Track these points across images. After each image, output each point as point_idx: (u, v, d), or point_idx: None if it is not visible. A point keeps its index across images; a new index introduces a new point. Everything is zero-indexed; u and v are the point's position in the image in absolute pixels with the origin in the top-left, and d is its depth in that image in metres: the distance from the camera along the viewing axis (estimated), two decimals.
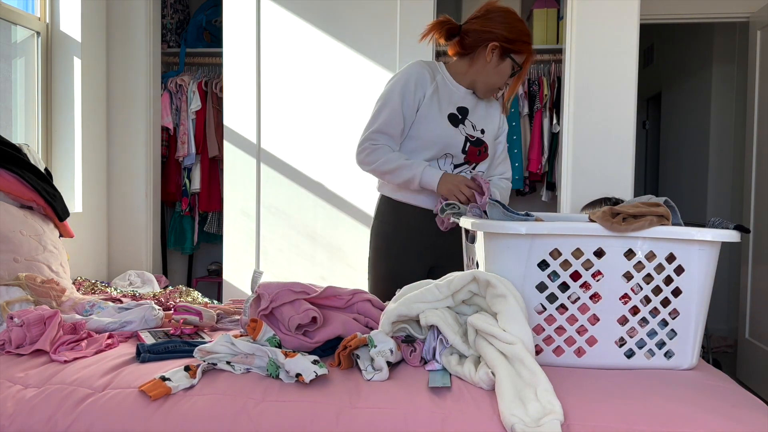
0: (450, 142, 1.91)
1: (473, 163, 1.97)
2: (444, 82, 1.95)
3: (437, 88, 1.93)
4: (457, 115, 1.94)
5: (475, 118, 1.98)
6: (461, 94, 1.97)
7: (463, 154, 1.94)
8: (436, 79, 1.94)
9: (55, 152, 2.87)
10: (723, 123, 4.26)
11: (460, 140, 1.93)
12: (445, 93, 1.94)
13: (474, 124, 1.97)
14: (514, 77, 1.96)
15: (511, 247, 1.33)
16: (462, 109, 1.95)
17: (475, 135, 1.96)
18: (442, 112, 1.92)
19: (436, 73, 1.95)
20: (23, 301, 1.72)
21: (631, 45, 2.80)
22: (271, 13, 2.91)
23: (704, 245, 1.32)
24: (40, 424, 1.17)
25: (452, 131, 1.92)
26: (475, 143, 1.95)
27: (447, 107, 1.93)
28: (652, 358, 1.36)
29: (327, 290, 1.50)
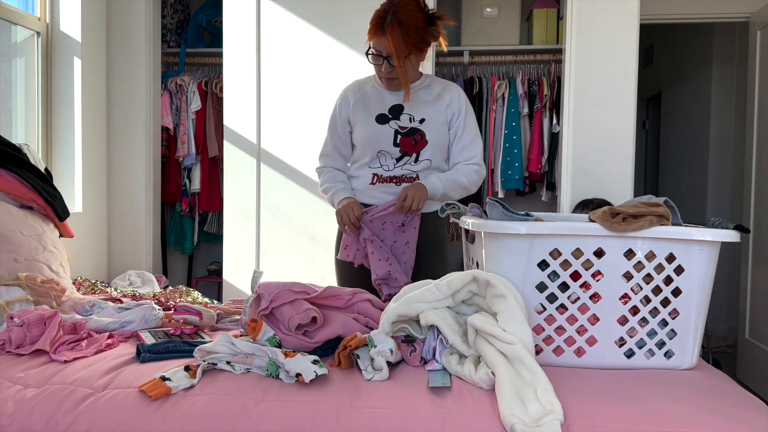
0: (378, 139, 1.98)
1: (413, 153, 1.99)
2: (374, 89, 2.05)
3: (363, 97, 2.05)
4: (387, 114, 2.00)
5: (414, 110, 2.00)
6: (395, 95, 2.02)
7: (397, 147, 1.98)
8: (364, 89, 2.06)
9: (55, 152, 2.87)
10: (723, 123, 4.26)
11: (389, 134, 1.98)
12: (373, 98, 2.03)
13: (412, 116, 2.00)
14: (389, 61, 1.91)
15: (511, 247, 1.33)
16: (395, 107, 2.01)
17: (409, 126, 1.99)
18: (369, 116, 2.01)
19: (365, 85, 2.08)
20: (23, 301, 1.72)
21: (631, 45, 2.80)
22: (271, 13, 2.91)
23: (704, 245, 1.32)
24: (40, 424, 1.17)
25: (379, 129, 1.99)
26: (407, 133, 1.98)
27: (375, 110, 2.01)
28: (652, 358, 1.36)
29: (327, 290, 1.50)
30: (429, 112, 2.01)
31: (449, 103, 2.03)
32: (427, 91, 2.04)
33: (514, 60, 3.35)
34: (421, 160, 2.00)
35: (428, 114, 2.01)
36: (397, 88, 2.00)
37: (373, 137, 1.99)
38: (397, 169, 2.00)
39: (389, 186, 2.01)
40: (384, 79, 1.98)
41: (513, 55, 3.33)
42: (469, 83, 3.35)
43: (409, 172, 2.00)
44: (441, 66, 3.43)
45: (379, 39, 1.88)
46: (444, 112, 2.03)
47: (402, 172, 2.00)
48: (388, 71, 1.92)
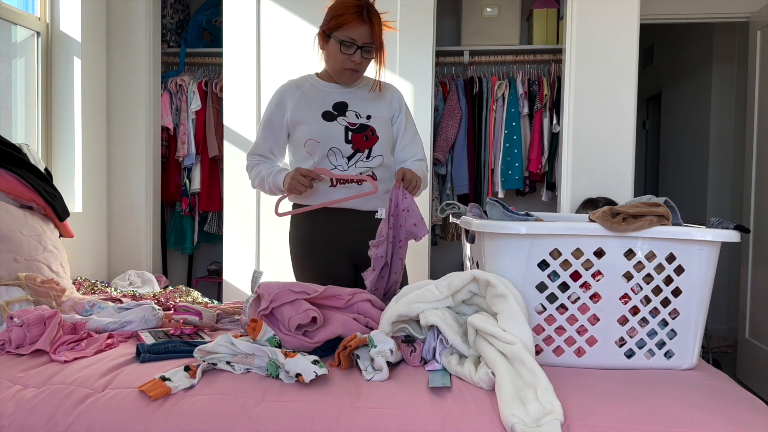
0: (328, 135, 1.91)
1: (365, 149, 1.94)
2: (314, 87, 1.99)
3: (303, 96, 1.97)
4: (332, 111, 1.94)
5: (358, 107, 1.96)
6: (336, 92, 1.97)
7: (349, 144, 1.92)
8: (303, 88, 1.99)
9: (55, 152, 2.87)
10: (723, 123, 4.26)
11: (340, 131, 1.92)
12: (315, 96, 1.97)
13: (357, 112, 1.95)
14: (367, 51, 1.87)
15: (511, 247, 1.33)
16: (339, 104, 1.96)
17: (358, 122, 1.94)
18: (313, 113, 1.94)
19: (303, 84, 2.00)
20: (23, 301, 1.72)
21: (631, 45, 2.80)
22: (271, 13, 2.91)
23: (704, 245, 1.32)
24: (40, 424, 1.17)
25: (328, 126, 1.92)
26: (358, 129, 1.94)
27: (319, 107, 1.94)
28: (652, 358, 1.36)
29: (327, 290, 1.50)
30: (374, 109, 1.98)
31: (391, 101, 2.03)
32: (366, 89, 2.01)
33: (514, 60, 3.35)
34: (373, 156, 1.95)
35: (373, 111, 1.98)
36: (352, 82, 1.97)
37: (322, 134, 1.91)
38: (351, 168, 1.93)
39: (350, 188, 1.93)
40: (347, 71, 1.91)
41: (513, 55, 3.33)
42: (469, 83, 3.35)
43: (366, 169, 1.94)
44: (441, 66, 3.43)
45: (360, 27, 1.83)
46: (387, 109, 2.01)
47: (359, 170, 1.93)
48: (357, 62, 1.88)
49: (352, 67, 1.89)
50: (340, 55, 1.88)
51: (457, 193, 3.36)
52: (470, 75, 3.40)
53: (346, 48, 1.86)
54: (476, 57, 3.37)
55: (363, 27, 1.84)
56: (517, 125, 3.27)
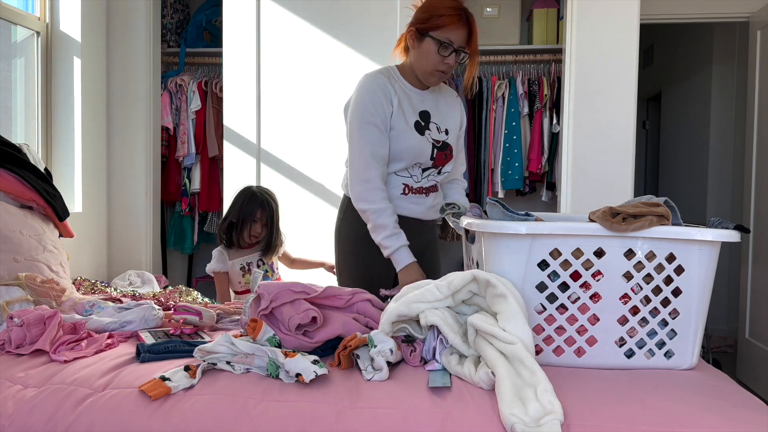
0: (419, 152, 1.88)
1: (439, 167, 1.96)
2: (402, 89, 1.90)
3: (400, 99, 1.87)
4: (420, 121, 1.90)
5: (438, 118, 1.94)
6: (419, 98, 1.92)
7: (431, 161, 1.92)
8: (396, 89, 1.88)
9: (55, 152, 2.87)
10: (723, 123, 4.26)
11: (428, 148, 1.90)
12: (405, 100, 1.88)
13: (438, 125, 1.93)
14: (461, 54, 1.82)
15: (511, 247, 1.33)
16: (424, 113, 1.91)
17: (440, 139, 1.93)
18: (408, 123, 1.87)
19: (393, 81, 1.89)
20: (23, 301, 1.72)
21: (631, 45, 2.80)
22: (271, 13, 2.91)
23: (704, 245, 1.32)
24: (40, 424, 1.17)
25: (420, 141, 1.88)
26: (441, 148, 1.93)
27: (411, 116, 1.88)
28: (652, 358, 1.36)
29: (327, 290, 1.50)
30: (451, 123, 1.97)
31: (462, 113, 2.03)
32: (441, 98, 1.98)
33: (514, 60, 3.35)
34: (443, 172, 1.98)
35: (450, 124, 1.97)
36: (437, 84, 1.92)
37: (413, 149, 1.87)
38: (424, 179, 1.94)
39: (418, 197, 1.94)
40: (438, 73, 1.84)
41: (513, 55, 3.33)
42: None
43: (433, 182, 1.97)
44: None
45: (459, 30, 1.78)
46: (459, 123, 2.01)
47: (429, 183, 1.95)
48: (451, 65, 1.82)
49: (445, 69, 1.83)
50: (435, 56, 1.80)
51: None
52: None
53: (443, 49, 1.79)
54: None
55: (463, 30, 1.79)
56: (517, 125, 3.27)
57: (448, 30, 1.78)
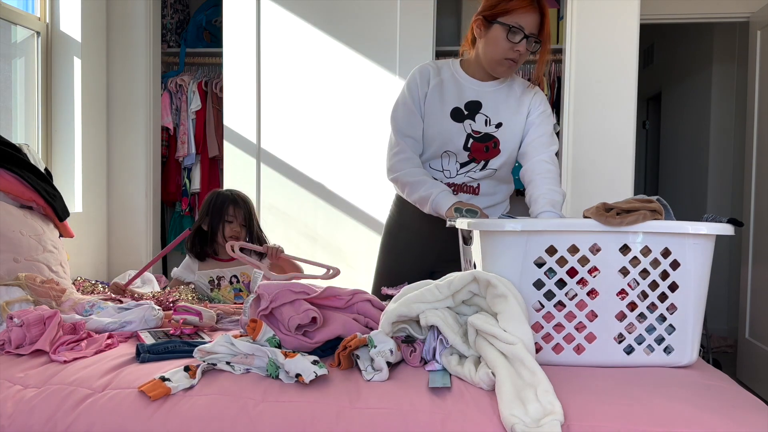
0: (448, 138, 1.79)
1: (481, 161, 1.82)
2: (453, 78, 1.84)
3: (441, 83, 1.82)
4: (463, 110, 1.80)
5: (492, 111, 1.82)
6: (475, 88, 1.84)
7: (466, 152, 1.80)
8: (442, 75, 1.83)
9: (55, 152, 2.87)
10: (723, 123, 4.26)
11: (461, 136, 1.79)
12: (451, 88, 1.82)
13: (489, 117, 1.81)
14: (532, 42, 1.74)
15: (507, 245, 1.33)
16: (473, 103, 1.81)
17: (484, 130, 1.80)
18: (444, 108, 1.80)
19: (443, 70, 1.85)
20: (23, 301, 1.72)
21: (631, 45, 2.80)
22: (271, 13, 2.91)
23: (698, 239, 1.32)
24: (40, 424, 1.17)
25: (452, 127, 1.79)
26: (481, 139, 1.79)
27: (451, 102, 1.81)
28: (651, 354, 1.36)
29: (327, 290, 1.50)
30: (507, 117, 1.83)
31: (530, 108, 1.86)
32: (508, 90, 1.86)
33: None
34: (487, 168, 1.83)
35: (506, 118, 1.83)
36: (508, 75, 1.83)
37: (442, 135, 1.78)
38: (459, 176, 1.82)
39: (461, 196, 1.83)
40: (507, 61, 1.75)
41: None
42: None
43: (470, 180, 1.84)
44: None
45: (530, 15, 1.70)
46: (523, 120, 1.85)
47: (463, 180, 1.83)
48: (521, 52, 1.73)
49: (514, 57, 1.75)
50: (504, 42, 1.72)
51: None
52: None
53: (513, 35, 1.71)
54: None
55: (533, 15, 1.70)
56: None
57: (518, 15, 1.70)
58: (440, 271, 1.88)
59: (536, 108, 1.87)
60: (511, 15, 1.71)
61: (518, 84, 1.90)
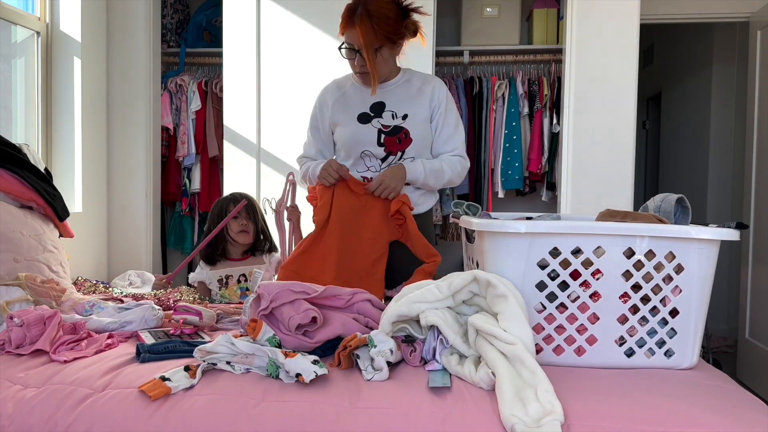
0: (361, 139, 1.95)
1: (398, 152, 1.95)
2: (354, 88, 2.01)
3: (344, 95, 2.01)
4: (369, 113, 1.96)
5: (396, 105, 1.96)
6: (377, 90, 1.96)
7: (381, 147, 1.94)
8: (344, 89, 2.02)
9: (55, 152, 2.87)
10: (723, 123, 4.26)
11: (373, 134, 1.94)
12: (354, 97, 1.99)
13: (395, 112, 1.96)
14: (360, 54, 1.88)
15: (511, 247, 1.33)
16: (377, 104, 1.97)
17: (392, 124, 1.95)
18: (350, 115, 1.97)
19: (344, 85, 2.04)
20: (23, 301, 1.72)
21: (631, 45, 2.80)
22: (271, 13, 2.91)
23: (703, 244, 1.32)
24: (40, 424, 1.17)
25: (361, 129, 1.95)
26: (391, 132, 1.94)
27: (357, 108, 1.97)
28: (652, 357, 1.36)
29: (327, 290, 1.50)
30: (412, 108, 1.97)
31: (431, 97, 2.00)
32: (407, 86, 2.00)
33: (514, 60, 3.35)
34: (405, 158, 1.96)
35: (411, 109, 1.97)
36: (370, 84, 1.94)
37: (355, 138, 1.95)
38: (383, 170, 1.94)
39: None
40: (358, 74, 1.95)
41: (513, 55, 3.33)
42: (469, 83, 3.35)
43: None
44: (441, 66, 3.43)
45: (350, 31, 1.85)
46: (427, 107, 1.99)
47: None
48: (360, 65, 1.89)
49: (357, 69, 1.92)
50: (349, 61, 1.93)
51: (456, 192, 3.37)
52: (470, 75, 3.40)
53: (346, 53, 1.90)
54: (476, 57, 3.37)
55: (352, 30, 1.85)
56: (517, 125, 3.27)
57: (344, 34, 1.88)
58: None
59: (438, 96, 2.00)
60: (343, 36, 1.89)
61: (416, 78, 2.04)
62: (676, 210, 1.49)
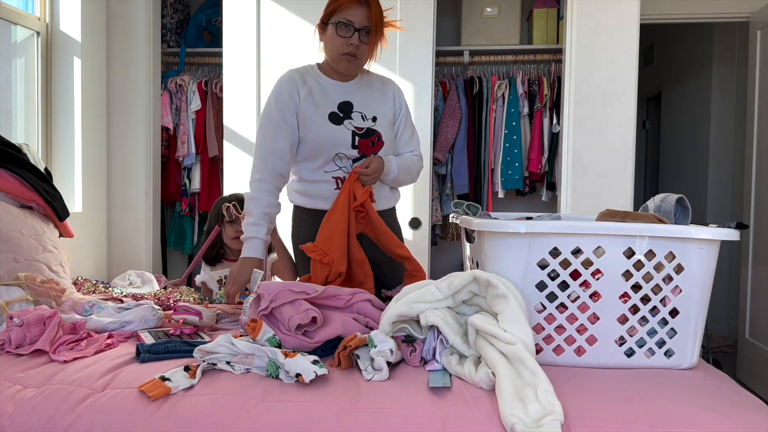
0: (335, 141, 1.86)
1: (371, 154, 1.91)
2: (318, 84, 1.91)
3: (310, 91, 1.89)
4: (338, 113, 1.89)
5: (364, 107, 1.92)
6: (340, 90, 1.92)
7: (355, 149, 1.89)
8: (308, 83, 1.91)
9: (55, 152, 2.87)
10: (723, 123, 4.26)
11: (347, 136, 1.87)
12: (320, 94, 1.90)
13: (363, 113, 1.91)
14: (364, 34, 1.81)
15: (511, 247, 1.33)
16: (344, 104, 1.90)
17: (364, 126, 1.90)
18: (320, 114, 1.88)
19: (307, 78, 1.92)
20: (23, 301, 1.72)
21: (631, 45, 2.80)
22: (271, 13, 2.91)
23: (703, 244, 1.32)
24: (40, 424, 1.17)
25: (335, 130, 1.87)
26: (365, 134, 1.90)
27: (326, 107, 1.89)
28: (652, 357, 1.36)
29: (327, 290, 1.50)
30: (379, 110, 1.94)
31: (394, 98, 1.99)
32: (368, 86, 1.97)
33: (514, 60, 3.35)
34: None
35: (379, 112, 1.94)
36: (351, 70, 1.89)
37: (329, 139, 1.86)
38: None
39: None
40: (345, 56, 1.83)
41: (513, 54, 3.33)
42: (469, 83, 3.35)
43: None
44: (441, 66, 3.43)
45: (356, 9, 1.78)
46: (391, 109, 1.97)
47: None
48: (355, 45, 1.81)
49: (350, 51, 1.82)
50: (338, 39, 1.81)
51: (456, 193, 3.36)
52: (470, 75, 3.40)
53: (343, 30, 1.80)
54: (476, 57, 3.37)
55: (360, 8, 1.79)
56: (517, 125, 3.27)
57: (345, 11, 1.79)
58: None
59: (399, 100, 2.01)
60: (340, 12, 1.80)
61: (375, 79, 2.00)
62: (676, 210, 1.49)
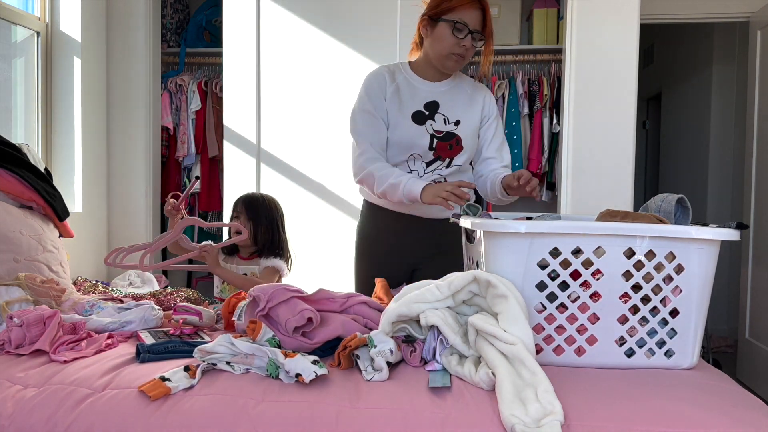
0: (414, 142, 1.85)
1: (446, 158, 1.89)
2: (407, 82, 1.89)
3: (398, 89, 1.87)
4: (424, 111, 1.87)
5: (449, 109, 1.89)
6: (429, 89, 1.89)
7: (431, 152, 1.86)
8: (397, 80, 1.89)
9: (55, 152, 2.87)
10: (723, 123, 4.26)
11: (425, 138, 1.85)
12: (408, 92, 1.88)
13: (447, 116, 1.88)
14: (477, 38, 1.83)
15: (511, 247, 1.33)
16: (431, 104, 1.88)
17: (445, 129, 1.87)
18: (404, 113, 1.86)
19: (397, 75, 1.90)
20: (23, 301, 1.72)
21: (631, 45, 2.80)
22: (271, 13, 2.91)
23: (703, 244, 1.32)
24: (40, 424, 1.17)
25: (416, 130, 1.85)
26: (444, 138, 1.87)
27: (411, 106, 1.86)
28: (652, 357, 1.36)
29: (319, 292, 1.50)
30: (464, 114, 1.90)
31: (483, 105, 1.95)
32: (458, 89, 1.93)
33: (514, 60, 3.35)
34: (452, 165, 1.90)
35: (464, 116, 1.90)
36: (456, 69, 1.89)
37: (408, 139, 1.84)
38: (427, 174, 1.88)
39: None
40: (455, 56, 1.82)
41: (513, 55, 3.33)
42: None
43: (438, 177, 1.89)
44: None
45: (472, 12, 1.79)
46: (478, 115, 1.94)
47: (433, 177, 1.89)
48: (467, 48, 1.81)
49: (461, 52, 1.81)
50: (450, 38, 1.79)
51: None
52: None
53: (458, 31, 1.78)
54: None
55: (476, 12, 1.80)
56: (517, 125, 3.27)
57: (461, 11, 1.78)
58: (421, 267, 1.95)
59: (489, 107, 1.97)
60: (455, 12, 1.78)
61: (467, 82, 1.98)
62: (677, 210, 1.49)
